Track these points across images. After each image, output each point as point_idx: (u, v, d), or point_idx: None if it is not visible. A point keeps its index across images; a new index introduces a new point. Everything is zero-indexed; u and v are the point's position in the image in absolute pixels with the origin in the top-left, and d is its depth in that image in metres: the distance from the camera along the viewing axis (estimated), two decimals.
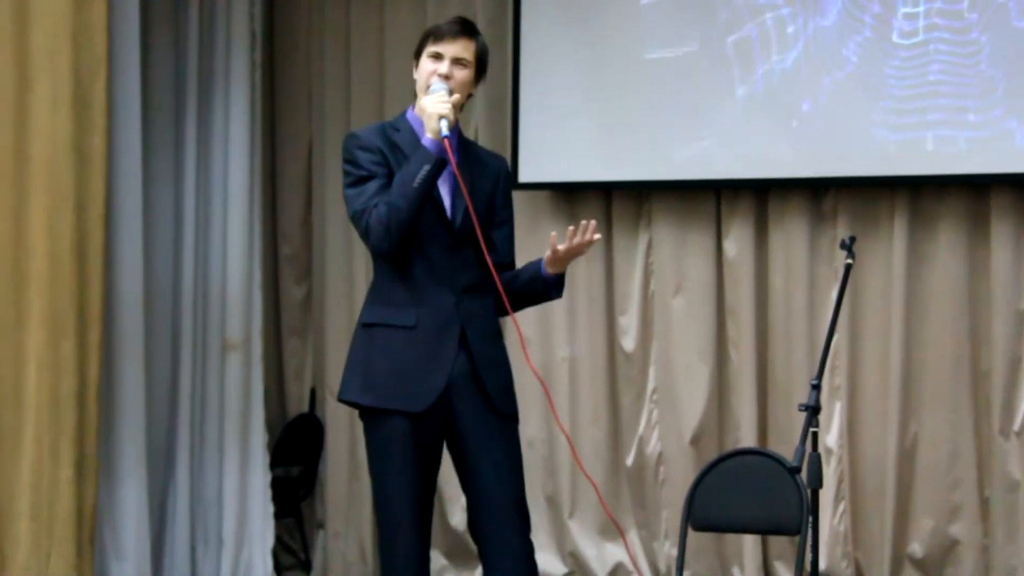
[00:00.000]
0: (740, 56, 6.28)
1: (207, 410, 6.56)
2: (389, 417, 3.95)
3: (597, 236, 4.00)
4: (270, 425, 6.95)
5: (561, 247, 3.99)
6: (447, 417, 4.00)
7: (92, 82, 5.64)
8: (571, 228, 3.98)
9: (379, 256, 4.02)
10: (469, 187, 3.98)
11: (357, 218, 3.96)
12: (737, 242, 6.41)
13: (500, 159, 4.28)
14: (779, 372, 6.35)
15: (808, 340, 6.28)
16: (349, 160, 4.02)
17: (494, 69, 6.77)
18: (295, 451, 7.12)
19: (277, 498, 6.78)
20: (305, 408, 7.24)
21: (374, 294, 4.10)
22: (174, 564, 6.41)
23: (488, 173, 4.14)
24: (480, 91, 6.72)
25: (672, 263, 6.54)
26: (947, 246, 6.13)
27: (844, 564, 6.19)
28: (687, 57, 6.37)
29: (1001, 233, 6.02)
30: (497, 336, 4.09)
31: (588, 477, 4.07)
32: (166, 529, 6.43)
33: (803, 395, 4.44)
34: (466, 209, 3.98)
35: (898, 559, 6.15)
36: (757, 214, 6.41)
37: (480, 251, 4.01)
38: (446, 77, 3.97)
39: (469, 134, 6.76)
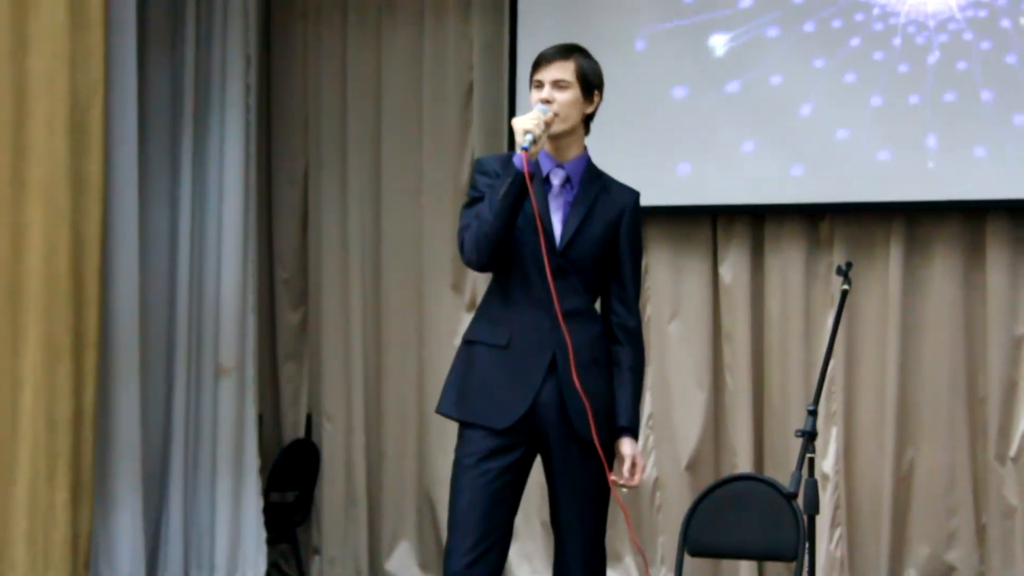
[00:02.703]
0: (735, 83, 6.30)
1: (201, 435, 6.55)
2: (475, 430, 3.99)
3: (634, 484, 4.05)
4: (266, 450, 6.94)
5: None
6: (537, 440, 4.01)
7: (89, 107, 5.65)
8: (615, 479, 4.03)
9: (472, 269, 4.09)
10: (584, 214, 4.02)
11: (458, 235, 4.02)
12: (733, 267, 6.41)
13: (631, 193, 4.17)
14: (775, 398, 6.35)
15: (804, 366, 6.28)
16: (470, 184, 4.10)
17: (491, 93, 6.86)
18: (291, 476, 7.10)
19: (273, 523, 6.76)
20: (301, 433, 7.23)
21: (478, 312, 4.15)
22: None
23: (612, 204, 4.10)
24: (476, 117, 6.80)
25: (668, 288, 6.55)
26: (943, 271, 6.14)
27: None
28: (683, 83, 6.39)
29: (997, 258, 6.03)
30: (594, 364, 4.02)
31: (621, 505, 4.06)
32: (160, 553, 6.42)
33: (799, 421, 4.44)
34: (575, 236, 4.01)
35: None
36: (753, 239, 6.43)
37: (584, 279, 4.03)
38: (547, 101, 4.00)
39: (466, 156, 6.81)
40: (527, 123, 3.91)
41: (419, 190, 6.95)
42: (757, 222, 6.43)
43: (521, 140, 3.88)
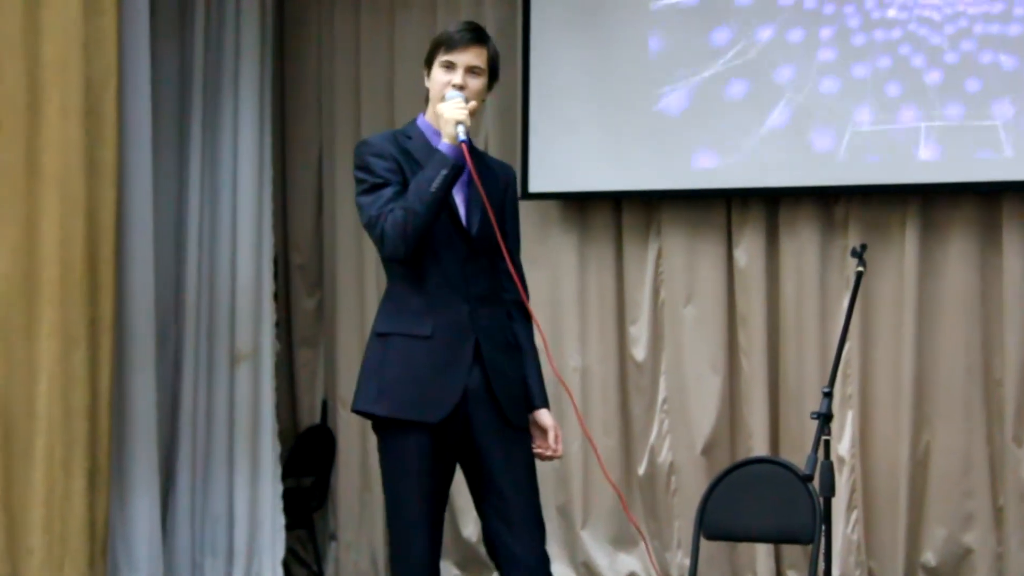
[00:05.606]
0: (750, 66, 6.28)
1: (218, 421, 6.55)
2: (406, 429, 3.91)
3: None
4: (282, 436, 6.94)
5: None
6: (463, 428, 3.97)
7: (103, 92, 5.66)
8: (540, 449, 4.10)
9: (393, 262, 3.97)
10: (484, 194, 3.95)
11: (372, 224, 3.89)
12: (748, 251, 6.40)
13: (508, 168, 4.22)
14: (791, 381, 6.34)
15: (820, 348, 6.27)
16: (362, 167, 3.96)
17: (504, 78, 6.82)
18: (307, 462, 7.12)
19: (289, 509, 6.78)
20: (317, 419, 7.24)
21: (388, 303, 4.06)
22: (185, 575, 6.41)
23: (497, 180, 4.10)
24: (490, 100, 6.77)
25: (683, 272, 6.53)
26: (958, 254, 6.12)
27: (857, 573, 6.18)
28: (698, 66, 6.37)
29: (1013, 241, 6.01)
30: (510, 347, 4.04)
31: (612, 484, 4.06)
32: (177, 539, 6.43)
33: (815, 403, 4.43)
34: (482, 217, 3.96)
35: (911, 568, 6.13)
36: (768, 223, 6.40)
37: (491, 259, 4.01)
38: (460, 87, 3.94)
39: (479, 144, 6.79)
40: (459, 114, 3.85)
41: None
42: (772, 205, 6.41)
43: (455, 131, 3.83)
